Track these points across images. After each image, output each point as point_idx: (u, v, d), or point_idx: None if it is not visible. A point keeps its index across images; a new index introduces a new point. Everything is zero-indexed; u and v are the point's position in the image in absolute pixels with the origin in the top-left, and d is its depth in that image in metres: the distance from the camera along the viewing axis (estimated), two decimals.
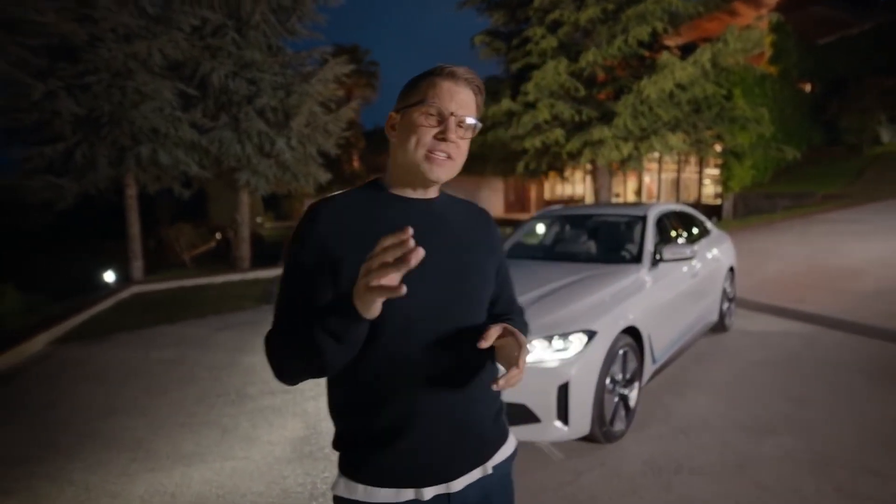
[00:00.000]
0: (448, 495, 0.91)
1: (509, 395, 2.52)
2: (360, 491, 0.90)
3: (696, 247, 3.52)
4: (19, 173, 7.82)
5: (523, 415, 2.51)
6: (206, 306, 6.77)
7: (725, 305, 4.74)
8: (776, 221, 9.88)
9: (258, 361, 4.47)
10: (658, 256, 3.50)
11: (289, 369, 0.85)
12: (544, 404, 2.49)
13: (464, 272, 0.95)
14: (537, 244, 4.39)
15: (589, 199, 20.75)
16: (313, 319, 0.76)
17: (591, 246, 3.86)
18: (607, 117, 10.68)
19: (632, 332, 2.93)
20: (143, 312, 6.53)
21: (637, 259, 3.46)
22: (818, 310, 5.16)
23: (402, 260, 0.62)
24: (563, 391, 2.48)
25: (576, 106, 10.82)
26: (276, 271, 9.78)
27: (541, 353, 2.54)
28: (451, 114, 0.87)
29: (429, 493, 0.90)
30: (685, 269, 3.77)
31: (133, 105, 7.71)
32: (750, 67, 11.56)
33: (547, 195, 25.08)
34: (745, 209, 13.59)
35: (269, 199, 19.17)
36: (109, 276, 9.20)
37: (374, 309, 0.70)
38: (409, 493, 0.89)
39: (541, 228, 4.75)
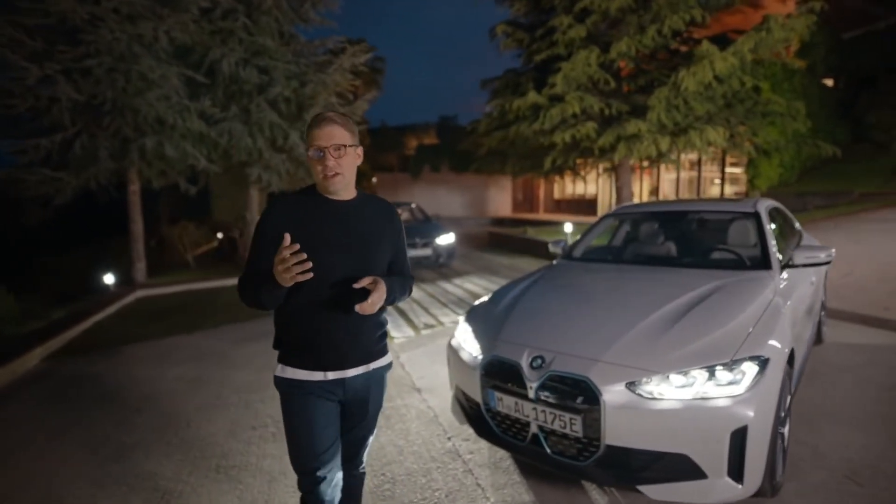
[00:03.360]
0: (343, 379, 1.53)
1: (667, 445, 1.93)
2: (289, 371, 1.53)
3: (832, 249, 2.94)
4: (14, 166, 7.17)
5: (684, 469, 1.91)
6: (219, 313, 6.14)
7: (822, 314, 4.18)
8: (818, 221, 9.35)
9: None
10: (787, 261, 2.93)
11: (249, 303, 1.47)
12: (713, 455, 1.89)
13: (364, 246, 1.53)
14: (624, 246, 3.78)
15: (603, 198, 20.21)
16: (262, 279, 1.38)
17: (695, 248, 3.28)
18: (637, 111, 10.12)
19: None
20: (151, 320, 5.89)
21: (764, 264, 2.88)
22: None
23: (298, 263, 1.28)
24: (739, 438, 1.88)
25: (604, 99, 10.26)
26: None
27: (701, 386, 1.95)
28: (326, 147, 1.42)
29: (331, 375, 1.52)
30: (803, 274, 3.20)
31: (137, 92, 7.06)
32: (786, 61, 11.03)
33: (557, 195, 24.51)
34: None
35: (270, 196, 18.48)
36: (110, 279, 8.53)
37: (289, 283, 1.32)
38: (318, 375, 1.51)
39: (619, 228, 4.16)
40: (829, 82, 16.63)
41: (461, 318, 2.94)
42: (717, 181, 16.34)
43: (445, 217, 22.19)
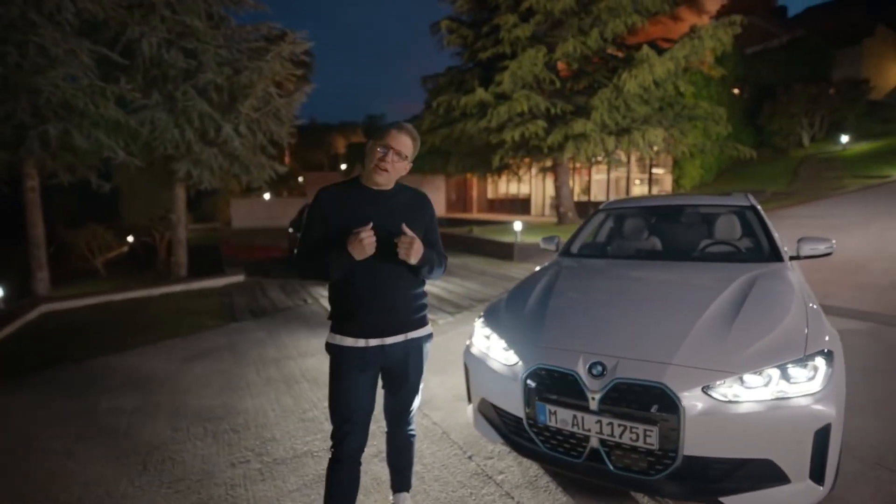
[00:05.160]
0: (383, 346, 1.73)
1: (750, 451, 1.78)
2: (337, 338, 1.74)
3: (833, 241, 3.02)
4: None
5: (768, 475, 1.77)
6: (153, 328, 5.31)
7: None
8: None
9: (266, 403, 3.33)
10: (794, 253, 2.97)
11: (310, 275, 1.71)
12: (797, 457, 1.77)
13: (399, 227, 1.66)
14: (628, 242, 3.65)
15: (536, 198, 20.76)
16: (328, 252, 1.64)
17: (703, 242, 3.23)
18: (581, 111, 10.39)
19: None
20: (64, 340, 4.95)
21: (776, 257, 2.89)
22: (854, 305, 5.01)
23: (371, 242, 1.59)
24: (823, 437, 1.77)
25: (548, 98, 10.42)
26: (227, 280, 8.28)
27: (776, 385, 1.82)
28: (392, 148, 1.67)
29: (372, 342, 1.72)
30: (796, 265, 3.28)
31: (37, 70, 5.95)
32: (707, 70, 11.93)
33: (490, 194, 24.85)
34: None
35: (199, 193, 16.84)
36: None
37: (364, 255, 1.60)
38: (361, 342, 1.72)
39: (605, 223, 4.07)
40: (736, 92, 18.40)
41: (477, 324, 2.65)
42: (639, 182, 17.38)
43: None
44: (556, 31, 10.74)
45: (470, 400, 2.55)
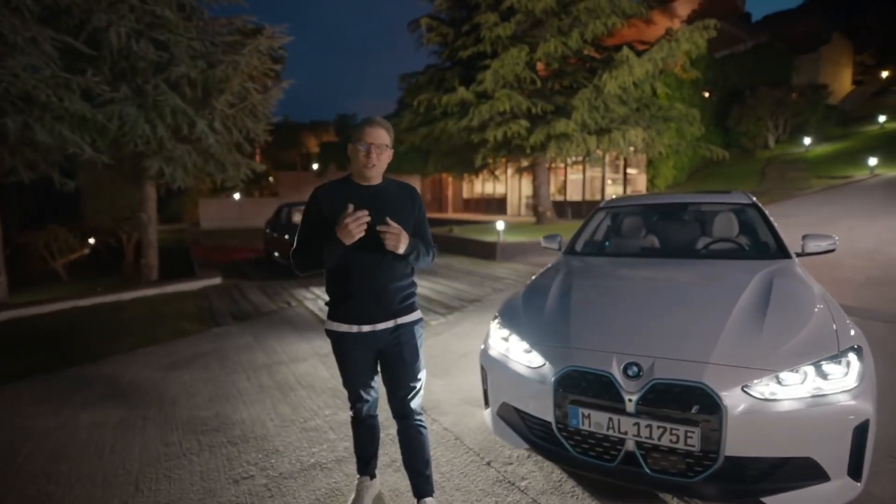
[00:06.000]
0: (374, 332, 1.85)
1: (790, 449, 1.75)
2: (333, 325, 1.88)
3: (836, 238, 3.08)
4: None
5: (808, 474, 1.75)
6: (129, 334, 4.99)
7: None
8: None
9: (262, 413, 3.15)
10: (798, 250, 3.00)
11: (305, 266, 1.83)
12: (836, 454, 1.75)
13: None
14: (634, 240, 3.62)
15: (512, 198, 20.86)
16: (321, 243, 1.75)
17: (710, 240, 3.24)
18: (561, 111, 10.45)
19: None
20: (32, 349, 4.59)
21: (783, 254, 2.92)
22: (835, 300, 5.18)
23: (357, 224, 1.66)
24: (860, 433, 1.76)
25: (528, 98, 10.44)
26: (203, 282, 7.93)
27: (813, 383, 1.81)
28: (371, 144, 1.78)
29: (364, 328, 1.84)
30: None
31: None
32: (682, 73, 12.22)
33: (466, 194, 24.84)
34: None
35: (169, 192, 16.11)
36: None
37: (353, 239, 1.69)
38: (353, 328, 1.84)
39: (603, 221, 4.04)
40: (706, 94, 18.97)
41: (493, 325, 2.56)
42: (611, 182, 17.68)
43: None
44: (537, 30, 10.78)
45: (487, 404, 2.46)
